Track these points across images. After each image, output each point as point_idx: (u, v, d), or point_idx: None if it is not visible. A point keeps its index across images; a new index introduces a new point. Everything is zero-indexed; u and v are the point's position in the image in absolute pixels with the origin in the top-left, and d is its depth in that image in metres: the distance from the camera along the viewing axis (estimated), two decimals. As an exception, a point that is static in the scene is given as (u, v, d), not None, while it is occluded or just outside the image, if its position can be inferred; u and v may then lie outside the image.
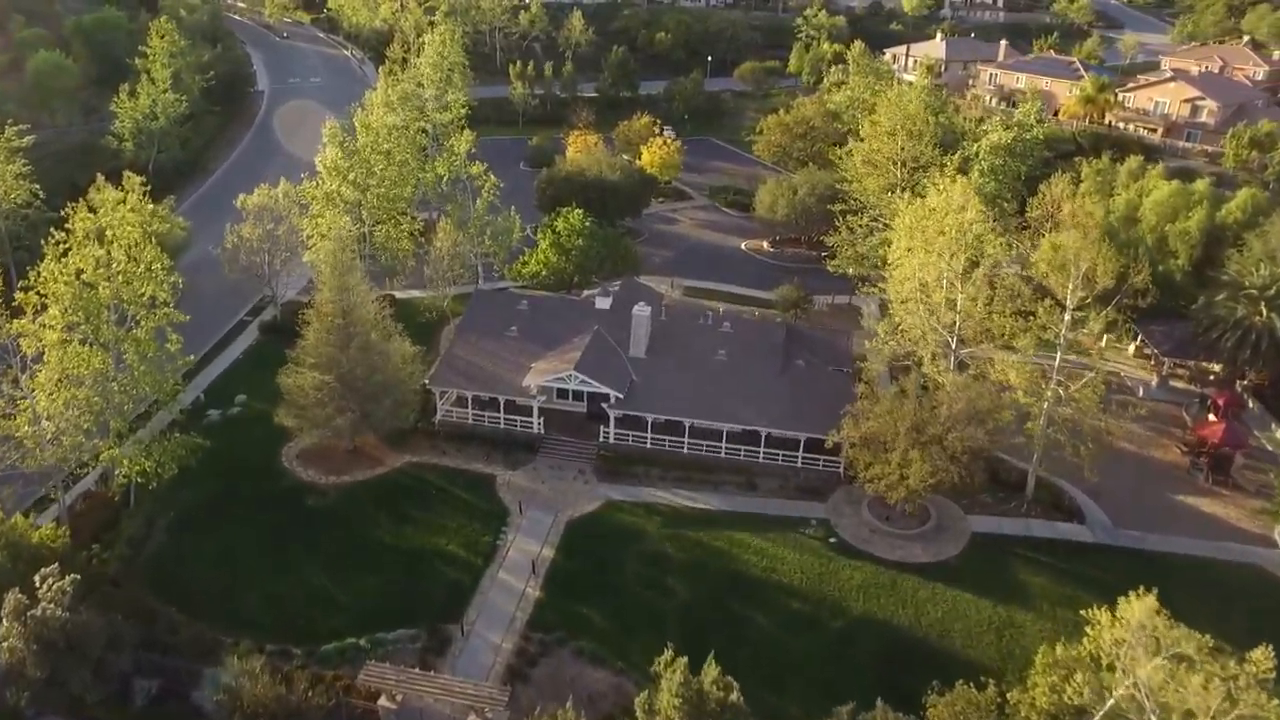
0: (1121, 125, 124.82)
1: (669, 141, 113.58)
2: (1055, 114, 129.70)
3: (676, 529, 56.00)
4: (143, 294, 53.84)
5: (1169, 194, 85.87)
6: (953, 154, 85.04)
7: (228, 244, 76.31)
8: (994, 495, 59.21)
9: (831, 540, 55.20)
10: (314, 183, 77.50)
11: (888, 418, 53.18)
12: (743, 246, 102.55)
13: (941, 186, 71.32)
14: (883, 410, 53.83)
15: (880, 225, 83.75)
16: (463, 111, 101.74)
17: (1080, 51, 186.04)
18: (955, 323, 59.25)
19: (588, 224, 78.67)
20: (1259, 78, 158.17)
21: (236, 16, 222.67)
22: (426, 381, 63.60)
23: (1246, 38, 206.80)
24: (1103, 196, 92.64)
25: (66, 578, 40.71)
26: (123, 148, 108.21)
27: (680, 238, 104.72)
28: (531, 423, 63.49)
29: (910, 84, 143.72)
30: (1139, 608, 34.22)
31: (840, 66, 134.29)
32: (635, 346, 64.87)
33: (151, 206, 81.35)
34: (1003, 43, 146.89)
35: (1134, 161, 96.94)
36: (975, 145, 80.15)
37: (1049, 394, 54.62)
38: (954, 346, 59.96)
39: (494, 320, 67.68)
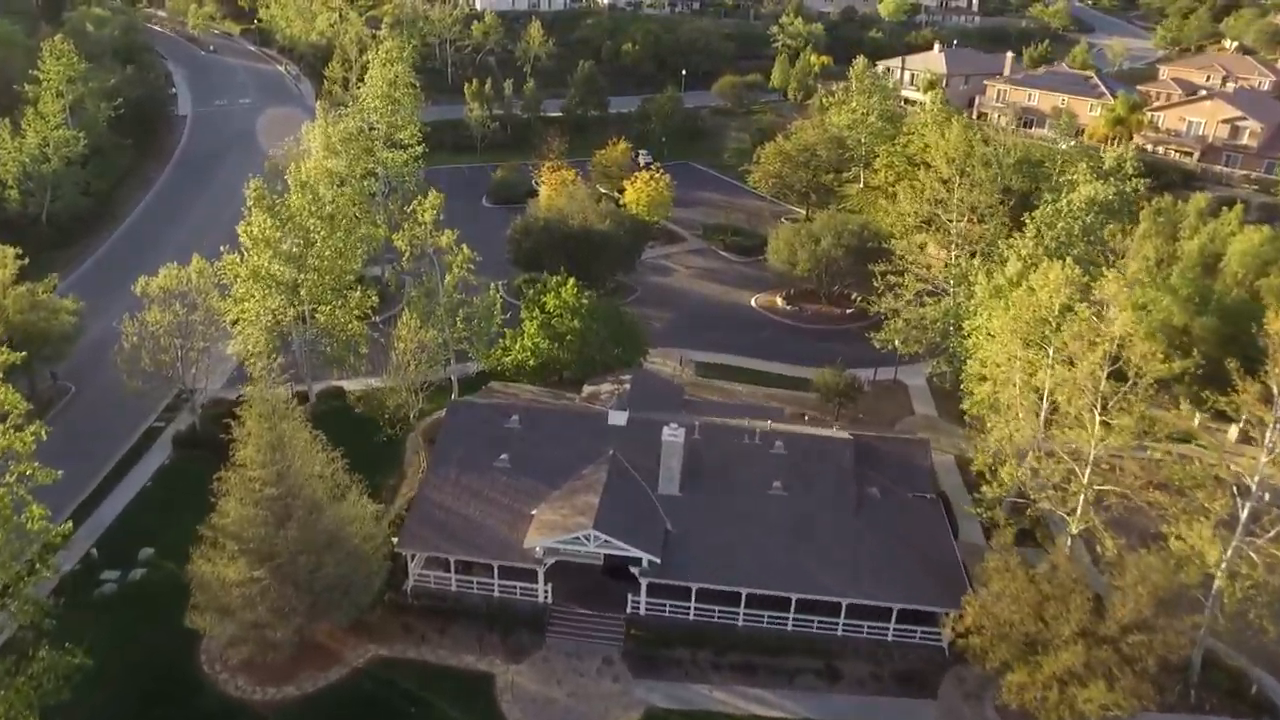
0: (1151, 148, 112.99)
1: (657, 175, 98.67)
2: (1076, 136, 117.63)
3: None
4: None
5: (1261, 242, 73.46)
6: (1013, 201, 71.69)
7: (127, 341, 59.61)
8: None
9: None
10: (235, 256, 61.06)
11: (1032, 604, 39.06)
12: (754, 303, 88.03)
13: (1021, 252, 57.89)
14: (1020, 590, 39.67)
15: (939, 290, 70.06)
16: (418, 150, 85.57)
17: (1074, 60, 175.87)
18: (1093, 454, 45.23)
19: (584, 300, 63.35)
20: (1264, 88, 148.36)
21: (157, 28, 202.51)
22: (394, 544, 47.85)
23: (1234, 43, 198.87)
24: (1165, 241, 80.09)
25: None
26: (6, 197, 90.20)
27: (679, 293, 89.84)
28: (535, 589, 48.20)
29: (920, 104, 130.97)
30: None
31: (840, 85, 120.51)
32: (666, 482, 49.91)
33: (22, 289, 65.40)
34: (1008, 55, 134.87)
35: (1201, 199, 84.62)
36: (1062, 199, 66.68)
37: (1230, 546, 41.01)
38: (1088, 482, 45.96)
39: (477, 446, 52.08)
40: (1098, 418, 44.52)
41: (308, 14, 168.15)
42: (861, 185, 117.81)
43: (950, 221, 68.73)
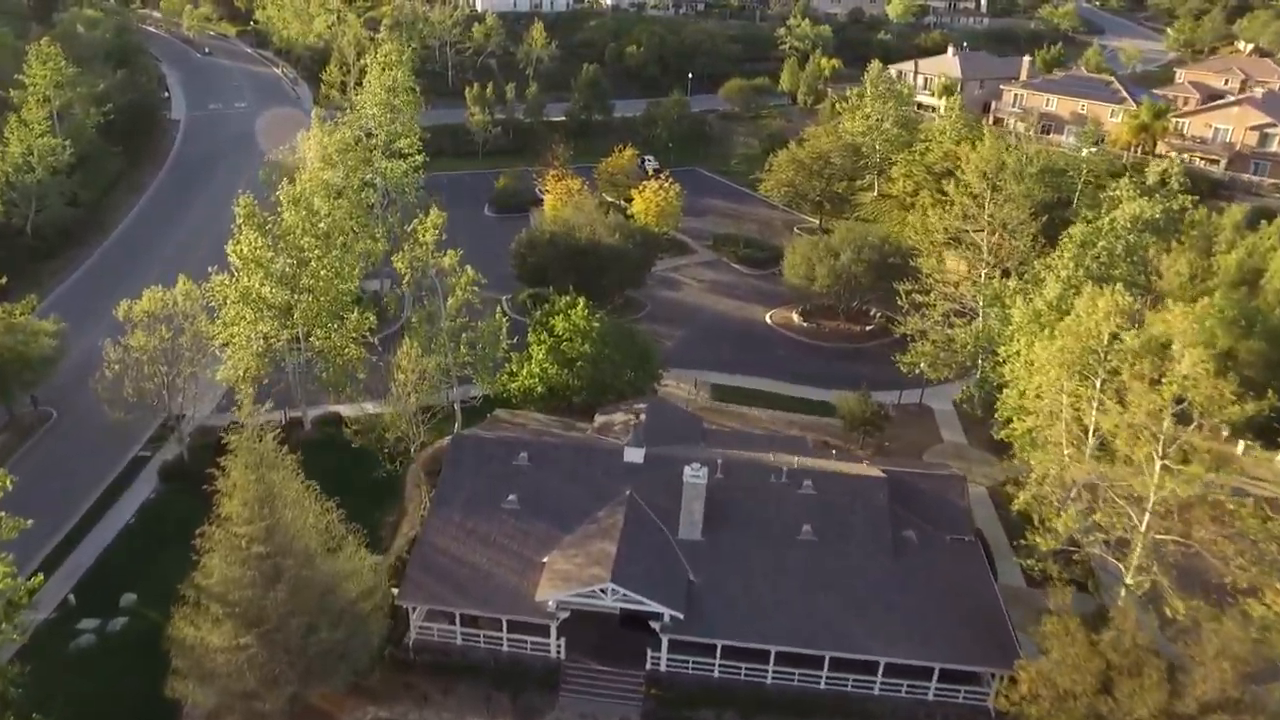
0: (1176, 156, 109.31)
1: (666, 185, 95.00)
2: (1098, 143, 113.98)
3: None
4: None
5: (1304, 258, 69.92)
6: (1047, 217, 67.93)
7: (109, 369, 55.93)
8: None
9: None
10: (224, 277, 57.37)
11: (1097, 674, 35.45)
12: (768, 319, 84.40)
13: (1061, 274, 54.36)
14: (1083, 657, 36.05)
15: (967, 311, 66.56)
16: (419, 159, 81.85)
17: (1088, 63, 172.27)
18: (1152, 500, 41.65)
19: (596, 323, 59.69)
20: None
21: (152, 29, 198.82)
22: (394, 596, 44.21)
23: (1249, 45, 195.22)
24: (1200, 255, 76.57)
25: None
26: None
27: (690, 309, 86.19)
28: (547, 644, 44.58)
29: (934, 110, 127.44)
30: None
31: (854, 89, 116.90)
32: (688, 527, 46.29)
33: (-1, 311, 61.69)
34: (1025, 59, 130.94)
35: (1237, 211, 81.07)
36: (1102, 216, 63.07)
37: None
38: (1147, 529, 42.39)
39: (483, 485, 48.42)
40: (1159, 462, 40.99)
41: (305, 15, 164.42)
42: (876, 193, 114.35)
43: (980, 238, 65.09)
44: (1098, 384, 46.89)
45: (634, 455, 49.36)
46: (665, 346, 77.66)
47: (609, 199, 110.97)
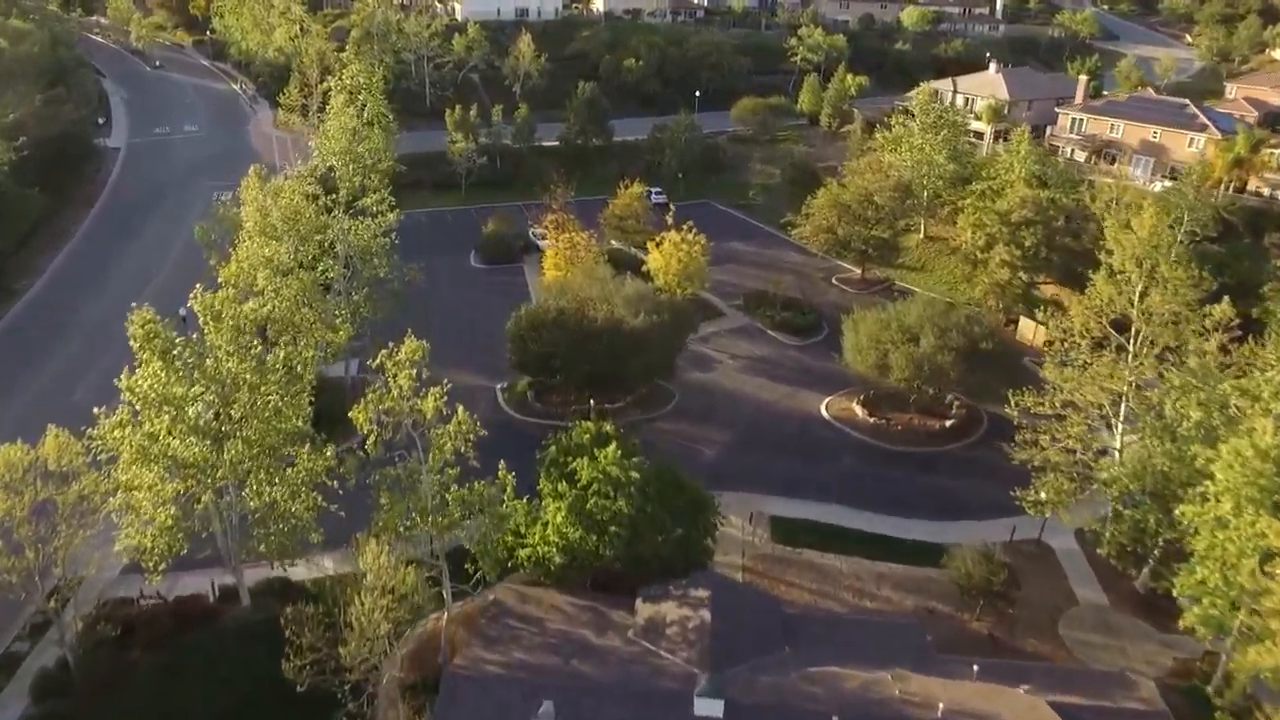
0: (1269, 192, 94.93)
1: (691, 238, 79.14)
2: (1173, 176, 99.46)
3: None
4: None
5: None
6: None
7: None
8: None
9: None
10: (119, 419, 40.91)
11: None
12: (825, 412, 68.69)
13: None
14: None
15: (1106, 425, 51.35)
16: (390, 217, 65.33)
17: (1121, 74, 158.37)
18: None
19: (633, 473, 43.66)
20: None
21: (98, 39, 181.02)
22: None
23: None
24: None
25: None
26: None
27: (727, 398, 70.23)
28: None
29: (985, 138, 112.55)
30: None
31: (894, 112, 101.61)
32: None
33: None
34: (1081, 78, 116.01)
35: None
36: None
37: None
38: None
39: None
40: None
41: (265, 25, 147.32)
42: (922, 235, 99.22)
43: (1132, 337, 49.63)
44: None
45: (709, 708, 33.63)
46: (705, 457, 62.14)
47: (616, 244, 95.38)
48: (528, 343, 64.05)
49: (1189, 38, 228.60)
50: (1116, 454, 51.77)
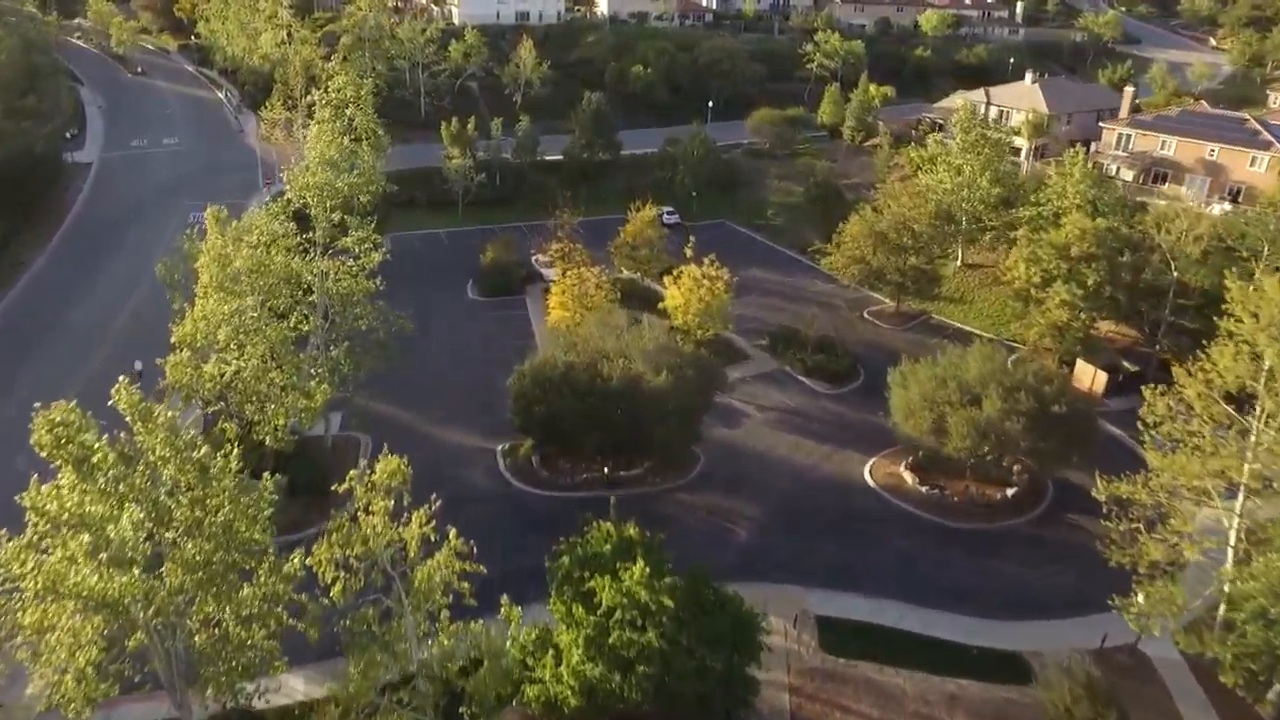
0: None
1: (714, 274, 71.01)
2: (1234, 198, 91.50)
3: None
4: None
5: None
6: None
7: None
8: None
9: None
10: (20, 544, 32.66)
11: None
12: (869, 479, 60.45)
13: None
14: None
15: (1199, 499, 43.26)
16: (375, 256, 57.05)
17: (1154, 81, 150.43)
18: None
19: (665, 599, 35.52)
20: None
21: (79, 42, 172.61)
22: None
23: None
24: None
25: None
26: None
27: (759, 462, 61.82)
28: None
29: (1024, 154, 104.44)
30: None
31: (926, 127, 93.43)
32: None
33: None
34: (1128, 90, 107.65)
35: None
36: None
37: None
38: None
39: None
40: None
41: (251, 30, 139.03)
42: (960, 263, 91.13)
43: (1258, 416, 41.48)
44: None
45: None
46: (736, 539, 54.03)
47: (626, 272, 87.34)
48: (532, 405, 55.88)
49: (1214, 41, 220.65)
50: (1229, 553, 43.80)
